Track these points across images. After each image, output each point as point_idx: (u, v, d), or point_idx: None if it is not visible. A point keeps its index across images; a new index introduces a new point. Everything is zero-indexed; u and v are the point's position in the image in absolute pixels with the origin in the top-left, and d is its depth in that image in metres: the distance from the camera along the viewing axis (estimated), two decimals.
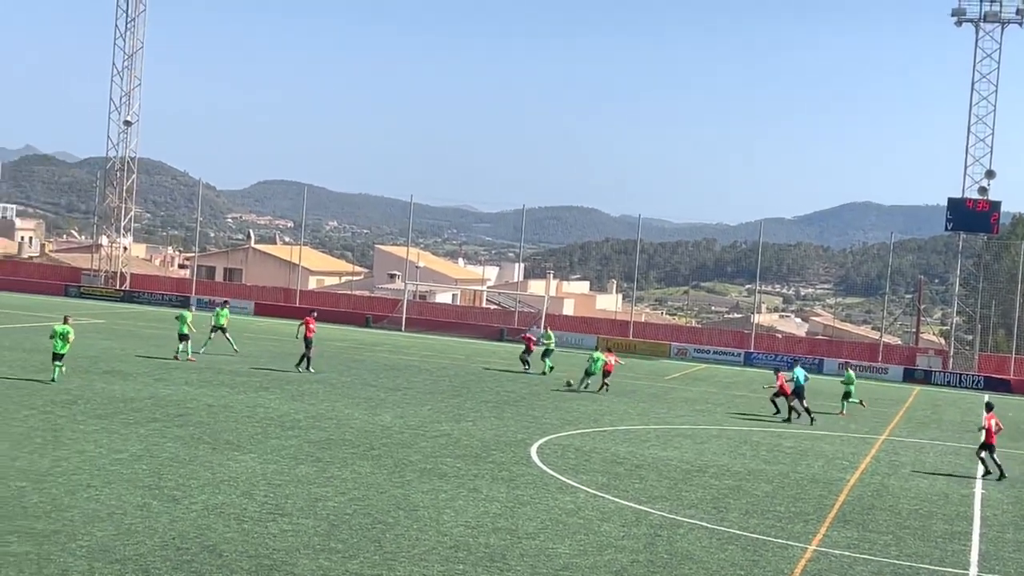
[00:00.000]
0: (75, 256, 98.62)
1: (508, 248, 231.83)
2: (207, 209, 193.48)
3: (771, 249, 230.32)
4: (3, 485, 19.18)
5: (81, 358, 38.92)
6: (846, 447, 33.03)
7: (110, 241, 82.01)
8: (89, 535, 16.52)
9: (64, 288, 77.78)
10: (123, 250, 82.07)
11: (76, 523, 17.12)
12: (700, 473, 26.31)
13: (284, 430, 27.42)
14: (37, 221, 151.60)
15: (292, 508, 19.20)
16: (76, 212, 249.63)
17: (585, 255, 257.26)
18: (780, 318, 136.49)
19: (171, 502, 18.94)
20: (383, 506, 19.93)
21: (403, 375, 42.86)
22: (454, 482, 22.62)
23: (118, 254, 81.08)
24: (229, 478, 21.18)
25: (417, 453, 25.70)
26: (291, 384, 36.69)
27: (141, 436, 24.97)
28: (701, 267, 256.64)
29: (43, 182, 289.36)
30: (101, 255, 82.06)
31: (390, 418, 31.01)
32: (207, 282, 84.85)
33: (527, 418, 33.35)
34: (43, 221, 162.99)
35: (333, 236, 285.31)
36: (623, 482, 24.22)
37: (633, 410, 37.59)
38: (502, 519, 19.71)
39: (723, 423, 36.22)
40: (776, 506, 23.09)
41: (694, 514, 21.55)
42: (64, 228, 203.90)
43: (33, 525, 16.81)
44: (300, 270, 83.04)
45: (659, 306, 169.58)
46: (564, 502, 21.57)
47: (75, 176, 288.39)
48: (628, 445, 29.69)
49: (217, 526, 17.60)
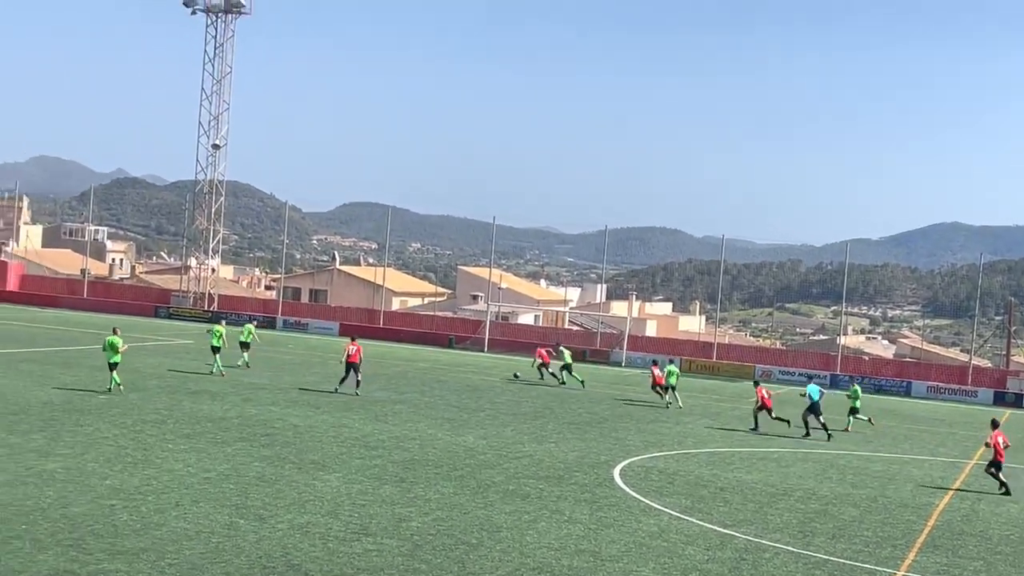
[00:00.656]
0: (164, 277, 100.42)
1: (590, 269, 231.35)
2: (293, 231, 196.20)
3: (857, 270, 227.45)
4: (94, 503, 19.55)
5: (170, 378, 39.59)
6: (935, 471, 32.48)
7: (198, 263, 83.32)
8: (177, 554, 16.76)
9: (154, 309, 79.06)
10: (211, 272, 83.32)
11: (165, 541, 17.38)
12: (785, 496, 26.02)
13: (368, 450, 27.61)
14: (128, 243, 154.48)
15: (376, 528, 19.32)
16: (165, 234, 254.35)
17: (668, 276, 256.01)
18: (867, 340, 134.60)
19: (257, 521, 19.16)
20: (466, 527, 19.98)
21: (486, 396, 42.95)
22: (537, 503, 22.61)
23: (206, 275, 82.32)
24: (314, 497, 21.38)
25: (500, 474, 25.73)
26: (375, 405, 36.95)
27: (228, 455, 25.30)
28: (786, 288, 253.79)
29: (133, 205, 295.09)
30: (190, 276, 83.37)
31: (473, 439, 31.08)
32: (293, 303, 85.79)
33: (610, 439, 33.23)
34: (133, 243, 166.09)
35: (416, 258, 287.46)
36: (707, 505, 24.03)
37: (717, 432, 37.30)
38: (585, 541, 19.65)
39: (808, 446, 35.76)
40: (863, 531, 22.76)
41: (779, 538, 21.31)
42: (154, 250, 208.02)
43: (123, 543, 17.10)
44: (384, 291, 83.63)
45: (743, 328, 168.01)
46: (648, 525, 21.46)
47: (164, 199, 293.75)
48: (712, 468, 29.46)
49: (303, 545, 17.77)
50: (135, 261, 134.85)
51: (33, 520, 18.01)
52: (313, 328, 74.63)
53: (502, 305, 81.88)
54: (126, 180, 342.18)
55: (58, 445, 24.90)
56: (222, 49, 79.85)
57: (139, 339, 56.84)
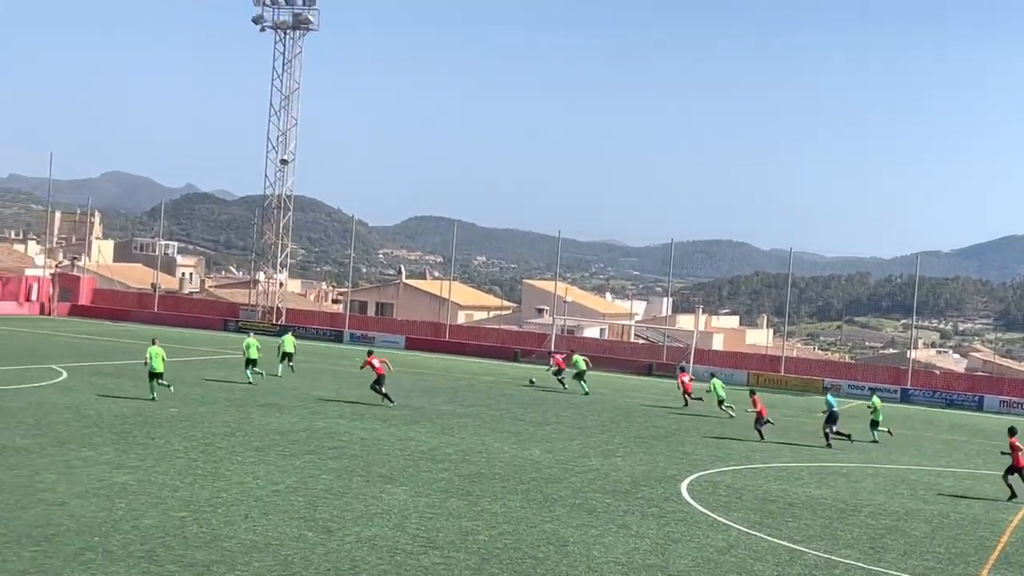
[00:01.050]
0: (233, 291, 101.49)
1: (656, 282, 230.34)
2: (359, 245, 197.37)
3: (927, 283, 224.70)
4: (165, 515, 19.78)
5: (239, 391, 40.01)
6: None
7: (267, 277, 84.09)
8: (247, 565, 16.90)
9: (223, 323, 79.88)
10: (279, 286, 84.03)
11: (235, 553, 17.54)
12: (855, 512, 25.72)
13: (435, 463, 27.69)
14: (197, 258, 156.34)
15: (443, 541, 19.36)
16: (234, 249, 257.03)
17: (734, 289, 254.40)
18: (937, 353, 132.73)
19: (326, 534, 19.27)
20: (533, 540, 19.96)
21: (551, 409, 42.91)
22: (604, 517, 22.54)
23: (274, 289, 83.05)
24: (382, 511, 21.47)
25: (566, 488, 25.69)
26: (441, 418, 37.06)
27: (297, 468, 25.50)
28: (855, 301, 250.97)
29: (203, 220, 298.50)
30: (258, 291, 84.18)
31: (539, 452, 31.07)
32: (359, 316, 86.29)
33: (677, 454, 33.06)
34: (203, 258, 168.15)
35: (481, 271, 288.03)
36: (776, 520, 23.82)
37: (785, 447, 36.97)
38: (652, 556, 19.55)
39: (878, 461, 35.35)
40: (935, 547, 22.44)
41: (850, 554, 21.06)
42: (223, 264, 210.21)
43: (194, 555, 17.28)
44: (449, 305, 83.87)
45: (811, 341, 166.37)
46: (716, 540, 21.31)
47: (233, 214, 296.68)
48: (780, 483, 29.20)
49: (370, 558, 17.84)
50: (204, 275, 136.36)
51: (105, 532, 18.26)
52: (379, 342, 74.89)
53: (567, 318, 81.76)
54: (196, 195, 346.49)
55: (129, 458, 25.24)
56: (290, 65, 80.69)
57: (208, 352, 57.54)
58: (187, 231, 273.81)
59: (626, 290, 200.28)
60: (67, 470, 23.27)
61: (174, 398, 36.07)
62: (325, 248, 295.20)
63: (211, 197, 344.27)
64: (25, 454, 24.80)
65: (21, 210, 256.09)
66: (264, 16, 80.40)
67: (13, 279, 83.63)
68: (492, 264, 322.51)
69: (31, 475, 22.48)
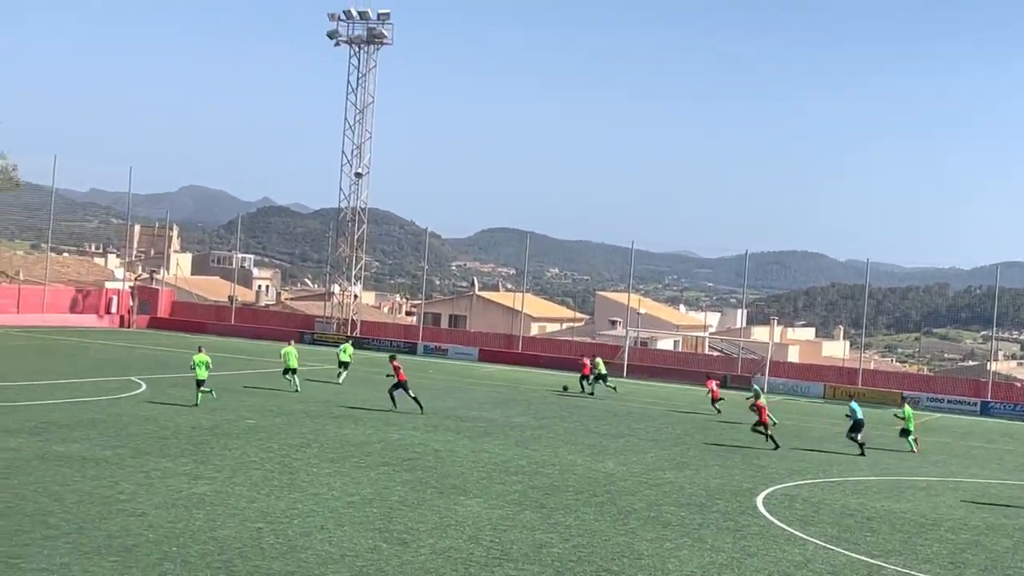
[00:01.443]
0: (308, 304, 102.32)
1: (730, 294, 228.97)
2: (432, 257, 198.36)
3: (1008, 294, 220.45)
4: (242, 526, 19.98)
5: (314, 403, 40.33)
6: None
7: (341, 289, 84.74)
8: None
9: (299, 335, 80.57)
10: (354, 298, 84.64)
11: (310, 564, 17.67)
12: (935, 527, 25.31)
13: (508, 475, 27.70)
14: (273, 270, 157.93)
15: (517, 554, 19.35)
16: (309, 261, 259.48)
17: (810, 301, 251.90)
18: (1018, 366, 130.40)
19: (400, 545, 19.35)
20: (607, 554, 19.88)
21: (625, 422, 42.75)
22: (678, 531, 22.40)
23: (349, 302, 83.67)
24: (456, 522, 21.51)
25: (640, 501, 25.57)
26: (514, 430, 37.08)
27: (372, 479, 25.64)
28: (933, 313, 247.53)
29: (279, 233, 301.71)
30: (333, 303, 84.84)
31: (613, 465, 30.96)
32: (433, 328, 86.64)
33: (753, 467, 32.77)
34: (279, 270, 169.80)
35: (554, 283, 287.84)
36: (854, 535, 23.50)
37: (862, 460, 36.48)
38: (728, 570, 19.39)
39: (958, 475, 34.78)
40: (1018, 562, 22.01)
41: (929, 569, 20.73)
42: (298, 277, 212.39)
43: (270, 566, 17.42)
44: (522, 316, 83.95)
45: (888, 353, 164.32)
46: (793, 554, 21.08)
47: (308, 227, 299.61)
48: (858, 496, 28.82)
49: (445, 570, 17.88)
50: (280, 288, 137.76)
51: (183, 543, 18.48)
52: (453, 353, 75.24)
53: (640, 330, 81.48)
54: (271, 208, 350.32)
55: (207, 468, 25.54)
56: (364, 79, 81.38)
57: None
58: (263, 244, 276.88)
59: (700, 302, 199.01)
60: (146, 481, 23.61)
61: (251, 410, 36.40)
62: (399, 260, 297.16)
63: (286, 210, 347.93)
64: (105, 465, 25.20)
65: (101, 224, 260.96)
66: (339, 31, 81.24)
67: (93, 292, 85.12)
68: (565, 276, 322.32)
69: (111, 486, 22.83)
